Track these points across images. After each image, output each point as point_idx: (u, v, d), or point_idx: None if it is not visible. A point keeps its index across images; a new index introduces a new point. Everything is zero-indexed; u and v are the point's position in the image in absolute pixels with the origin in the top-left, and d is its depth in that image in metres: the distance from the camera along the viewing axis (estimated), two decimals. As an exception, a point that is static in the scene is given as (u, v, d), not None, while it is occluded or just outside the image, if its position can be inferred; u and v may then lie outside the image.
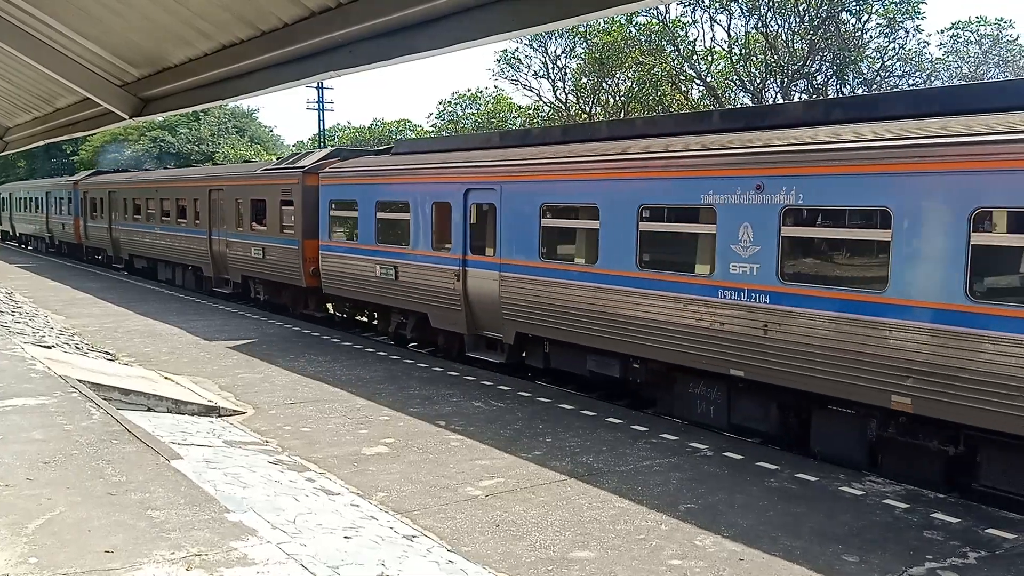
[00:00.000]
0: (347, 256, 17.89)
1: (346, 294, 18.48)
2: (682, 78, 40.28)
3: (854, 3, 36.43)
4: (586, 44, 42.25)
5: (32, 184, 49.57)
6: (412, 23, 4.34)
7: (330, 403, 12.00)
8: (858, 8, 36.64)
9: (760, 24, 37.31)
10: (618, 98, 42.18)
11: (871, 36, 37.86)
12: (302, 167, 19.88)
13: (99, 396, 10.42)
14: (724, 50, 39.70)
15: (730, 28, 39.42)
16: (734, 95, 39.80)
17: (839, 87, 37.48)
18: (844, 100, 12.94)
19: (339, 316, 21.18)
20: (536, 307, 13.14)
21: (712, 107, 36.63)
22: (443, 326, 15.39)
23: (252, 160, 48.65)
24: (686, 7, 38.66)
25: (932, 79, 38.11)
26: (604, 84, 42.32)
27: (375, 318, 19.52)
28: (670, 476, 8.96)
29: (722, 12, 38.70)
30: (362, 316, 20.79)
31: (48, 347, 14.22)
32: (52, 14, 6.57)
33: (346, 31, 4.69)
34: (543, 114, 46.63)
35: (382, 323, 18.52)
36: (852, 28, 37.20)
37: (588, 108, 43.49)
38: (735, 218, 10.15)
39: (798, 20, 36.69)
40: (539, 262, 13.09)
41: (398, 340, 17.43)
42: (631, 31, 39.89)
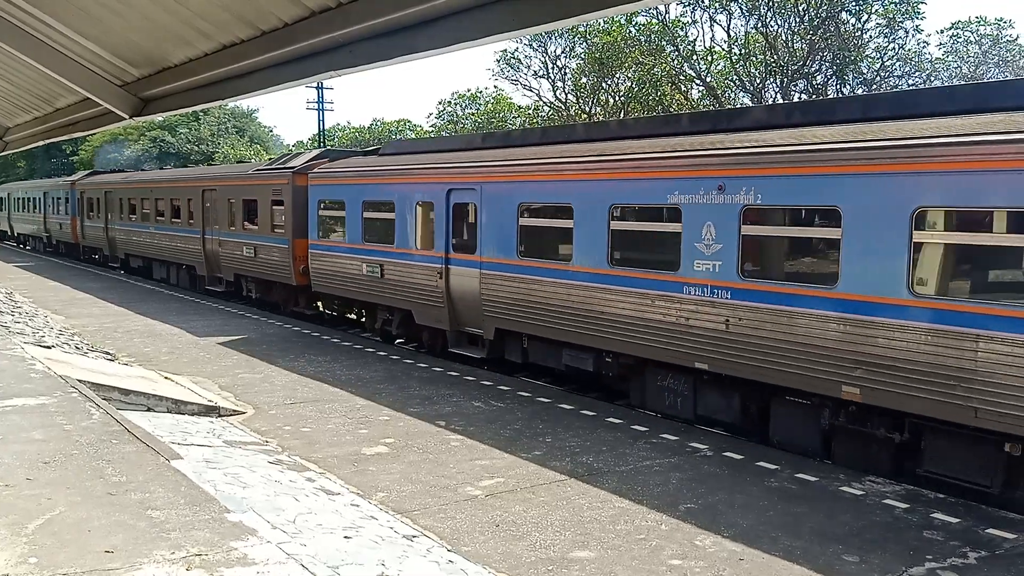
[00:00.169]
0: (335, 255, 18.30)
1: (334, 292, 18.89)
2: (682, 78, 40.29)
3: (854, 3, 36.43)
4: (586, 44, 42.24)
5: (30, 184, 49.82)
6: (412, 23, 4.34)
7: (330, 403, 12.00)
8: (858, 8, 36.64)
9: (760, 24, 37.32)
10: (618, 98, 42.18)
11: (871, 36, 37.89)
12: (292, 168, 20.25)
13: (99, 396, 10.42)
14: (724, 50, 39.71)
15: (730, 28, 39.49)
16: (734, 95, 39.81)
17: (839, 87, 37.49)
18: (802, 104, 13.98)
19: (328, 314, 21.54)
20: (515, 304, 13.57)
21: (712, 107, 36.65)
22: (427, 323, 15.79)
23: (250, 160, 48.71)
24: (686, 7, 38.72)
25: (932, 79, 38.12)
26: (604, 84, 42.32)
27: (363, 315, 19.87)
28: (670, 476, 8.96)
29: (722, 12, 38.73)
30: (351, 314, 21.17)
31: (48, 347, 14.22)
32: (52, 14, 6.58)
33: (346, 31, 4.69)
34: (543, 114, 46.60)
35: (369, 320, 18.90)
36: (852, 28, 37.20)
37: (588, 108, 43.49)
38: (699, 217, 10.58)
39: (798, 20, 36.69)
40: (517, 260, 13.52)
41: (385, 337, 17.78)
42: (631, 31, 39.89)
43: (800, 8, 36.21)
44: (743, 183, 10.08)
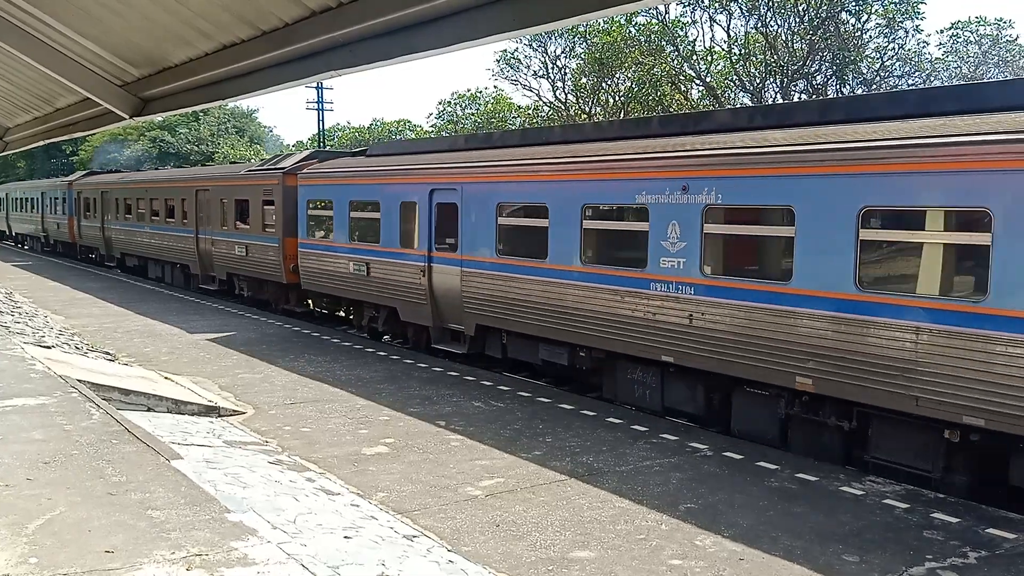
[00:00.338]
0: (323, 253, 18.76)
1: (323, 290, 19.37)
2: (682, 78, 40.28)
3: (854, 3, 36.43)
4: (586, 44, 42.23)
5: (28, 184, 50.22)
6: (412, 23, 4.34)
7: (330, 403, 12.00)
8: (858, 8, 36.64)
9: (760, 24, 37.31)
10: (618, 98, 42.17)
11: (871, 36, 37.89)
12: (282, 168, 20.75)
13: (99, 396, 10.42)
14: (724, 50, 39.70)
15: (730, 28, 39.47)
16: (734, 95, 39.81)
17: (839, 87, 37.48)
18: (764, 108, 15.00)
19: (318, 311, 21.88)
20: (494, 301, 13.98)
21: (712, 107, 36.65)
22: (411, 319, 16.24)
23: (250, 160, 48.72)
24: (686, 7, 38.72)
25: (932, 79, 38.12)
26: (604, 84, 42.31)
27: (351, 313, 20.28)
28: (670, 476, 8.96)
29: (722, 12, 38.72)
30: (340, 311, 21.57)
31: (48, 347, 14.22)
32: (52, 14, 6.57)
33: (346, 31, 4.69)
34: (543, 114, 46.59)
35: (356, 317, 19.31)
36: (852, 28, 37.20)
37: (588, 108, 43.48)
38: (665, 216, 11.03)
39: (798, 20, 36.69)
40: (496, 258, 13.95)
41: (372, 334, 18.22)
42: (631, 31, 39.87)
43: (800, 8, 36.21)
44: (705, 184, 10.54)
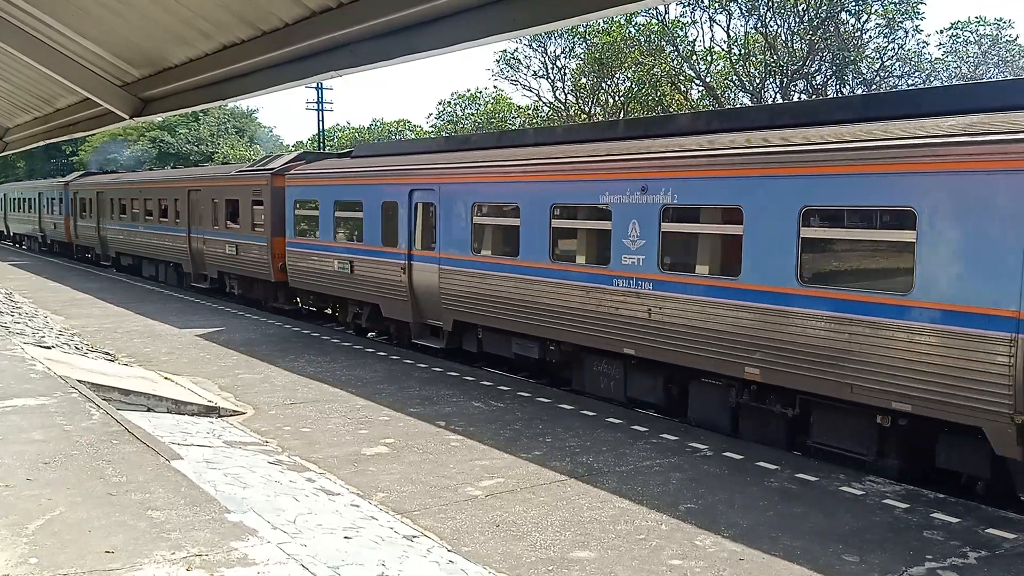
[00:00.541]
0: (310, 252, 19.29)
1: (310, 288, 19.93)
2: (681, 78, 40.27)
3: (854, 3, 36.42)
4: (585, 44, 42.23)
5: (26, 185, 50.66)
6: (412, 23, 4.34)
7: (330, 403, 12.00)
8: (857, 8, 36.63)
9: (759, 24, 37.31)
10: (617, 98, 42.17)
11: (870, 36, 37.88)
12: (271, 169, 21.28)
13: (99, 396, 10.42)
14: (723, 50, 39.69)
15: (729, 28, 39.45)
16: (733, 95, 39.81)
17: (838, 87, 37.48)
18: (720, 112, 15.64)
19: (305, 308, 22.23)
20: (470, 297, 14.48)
21: (712, 107, 36.65)
22: (393, 315, 16.76)
23: (250, 161, 48.80)
24: (686, 7, 38.70)
25: (931, 79, 38.11)
26: (603, 84, 42.30)
27: (337, 309, 20.74)
28: (670, 476, 8.97)
29: (721, 12, 38.70)
30: (327, 309, 21.98)
31: (48, 347, 14.22)
32: (52, 14, 6.57)
33: (346, 31, 4.68)
34: (542, 114, 46.59)
35: (342, 314, 19.79)
36: (851, 28, 37.19)
37: (588, 108, 43.47)
38: (626, 216, 11.57)
39: (797, 20, 36.68)
40: (472, 256, 14.48)
41: (356, 330, 18.67)
42: (631, 31, 39.85)
43: (800, 8, 36.20)
44: (662, 185, 11.08)
